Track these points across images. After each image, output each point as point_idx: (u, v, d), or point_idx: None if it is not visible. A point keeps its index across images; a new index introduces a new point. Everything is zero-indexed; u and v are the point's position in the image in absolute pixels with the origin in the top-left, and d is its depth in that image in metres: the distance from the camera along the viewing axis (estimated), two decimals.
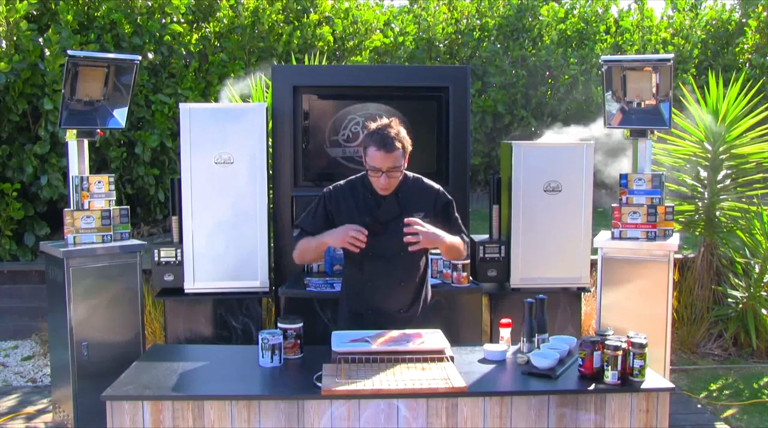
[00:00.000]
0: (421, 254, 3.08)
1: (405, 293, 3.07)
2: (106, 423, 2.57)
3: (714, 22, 10.30)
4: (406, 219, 2.85)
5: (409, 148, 2.94)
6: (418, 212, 2.99)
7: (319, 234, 2.97)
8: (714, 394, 4.65)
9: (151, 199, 7.00)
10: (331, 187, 3.09)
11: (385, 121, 2.92)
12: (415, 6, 9.65)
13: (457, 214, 3.12)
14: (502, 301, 4.47)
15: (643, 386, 2.64)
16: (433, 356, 2.79)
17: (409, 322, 3.06)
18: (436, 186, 3.10)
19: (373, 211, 2.98)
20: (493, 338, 4.09)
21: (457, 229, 3.09)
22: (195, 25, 7.79)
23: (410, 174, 3.06)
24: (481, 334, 4.21)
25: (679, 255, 5.51)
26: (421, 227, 2.83)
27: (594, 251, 4.16)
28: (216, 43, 7.89)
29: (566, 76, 9.05)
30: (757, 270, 5.40)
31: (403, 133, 2.91)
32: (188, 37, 7.25)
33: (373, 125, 2.91)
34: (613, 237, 3.98)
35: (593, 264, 4.32)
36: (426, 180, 3.10)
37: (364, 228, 2.84)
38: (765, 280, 5.34)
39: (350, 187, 3.06)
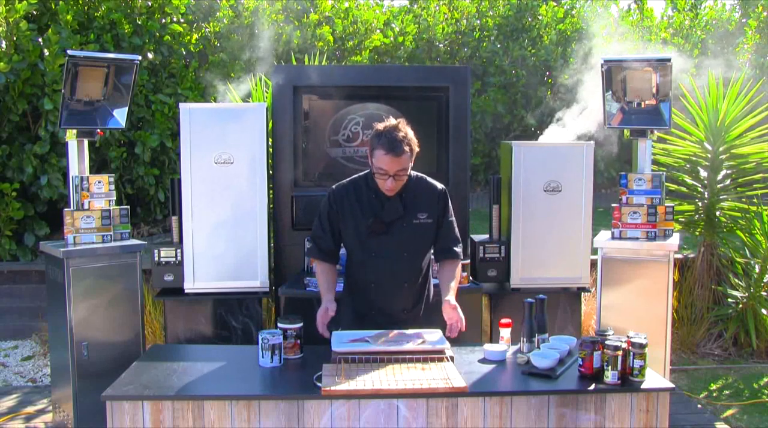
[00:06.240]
0: (424, 255, 3.09)
1: (408, 293, 3.07)
2: (106, 423, 2.57)
3: (714, 22, 10.31)
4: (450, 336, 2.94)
5: (416, 149, 2.93)
6: (421, 212, 3.00)
7: (324, 287, 3.05)
8: (714, 394, 4.65)
9: (151, 198, 7.00)
10: (334, 187, 3.08)
11: (392, 121, 2.90)
12: (415, 6, 9.65)
13: (452, 218, 3.11)
14: (502, 301, 4.47)
15: (643, 386, 2.64)
16: (433, 356, 2.79)
17: (413, 322, 3.06)
18: (440, 185, 3.10)
19: (377, 212, 2.98)
20: (493, 338, 4.09)
21: (448, 236, 3.09)
22: (195, 25, 7.80)
23: (413, 173, 3.05)
24: (481, 334, 4.21)
25: (679, 255, 5.50)
26: (458, 323, 2.93)
27: (594, 251, 4.16)
28: (216, 43, 7.89)
29: (566, 76, 9.06)
30: (757, 270, 5.40)
31: (411, 134, 2.90)
32: (188, 37, 7.25)
33: (380, 126, 2.89)
34: (613, 237, 3.98)
35: (593, 264, 4.32)
36: (428, 179, 3.10)
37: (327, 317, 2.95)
38: (765, 280, 5.34)
39: (354, 186, 3.05)
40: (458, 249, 3.12)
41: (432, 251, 3.15)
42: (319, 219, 3.09)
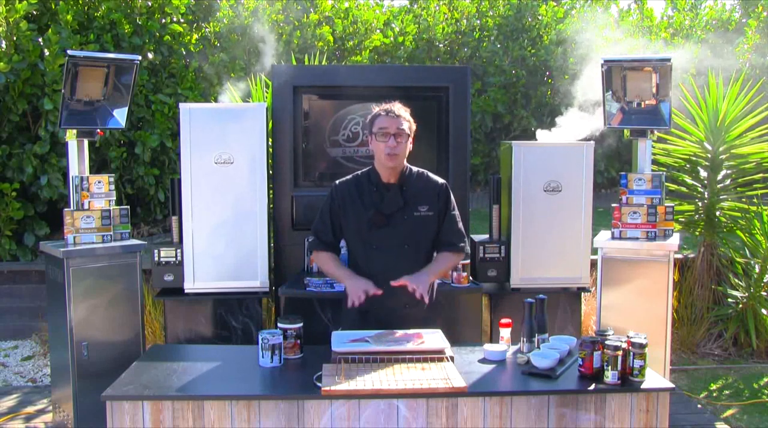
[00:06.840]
0: (426, 248, 3.09)
1: None
2: (106, 423, 2.57)
3: (714, 22, 10.31)
4: (392, 284, 2.89)
5: (414, 127, 3.04)
6: (422, 205, 3.02)
7: (340, 270, 3.07)
8: (714, 394, 4.65)
9: (151, 198, 7.00)
10: (337, 182, 3.14)
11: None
12: (415, 6, 9.65)
13: (455, 212, 3.13)
14: (502, 301, 4.47)
15: (643, 386, 2.64)
16: (433, 356, 2.79)
17: (415, 318, 3.06)
18: (441, 180, 3.14)
19: (378, 205, 3.00)
20: (493, 338, 4.09)
21: (451, 229, 3.10)
22: (195, 25, 7.80)
23: (414, 168, 3.10)
24: (481, 334, 4.21)
25: (679, 255, 5.50)
26: (412, 284, 2.89)
27: (594, 251, 4.16)
28: (216, 43, 7.89)
29: (566, 76, 9.05)
30: (757, 270, 5.40)
31: (407, 114, 3.03)
32: (188, 37, 7.25)
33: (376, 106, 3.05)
34: (613, 237, 3.98)
35: (593, 264, 4.32)
36: (430, 174, 3.14)
37: (372, 290, 2.92)
38: (765, 280, 5.34)
39: (355, 182, 3.10)
40: (461, 243, 3.12)
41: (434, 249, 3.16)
42: (321, 214, 3.13)
